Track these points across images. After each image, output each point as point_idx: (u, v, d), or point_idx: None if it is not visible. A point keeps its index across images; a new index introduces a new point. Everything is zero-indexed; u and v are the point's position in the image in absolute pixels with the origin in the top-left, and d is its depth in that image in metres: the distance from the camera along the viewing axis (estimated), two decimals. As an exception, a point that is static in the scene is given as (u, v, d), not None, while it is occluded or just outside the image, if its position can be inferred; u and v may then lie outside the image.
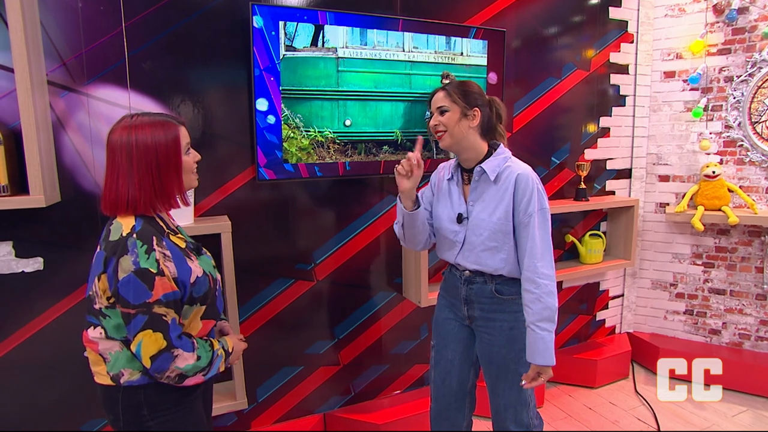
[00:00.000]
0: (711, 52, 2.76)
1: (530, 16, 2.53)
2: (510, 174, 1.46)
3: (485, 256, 1.50)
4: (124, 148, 1.11)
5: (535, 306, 1.41)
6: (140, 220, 1.13)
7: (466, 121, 1.49)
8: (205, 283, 1.20)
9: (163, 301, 1.08)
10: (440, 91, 1.52)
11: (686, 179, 2.89)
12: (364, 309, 2.31)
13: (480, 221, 1.49)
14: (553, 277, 1.44)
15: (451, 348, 1.66)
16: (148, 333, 1.07)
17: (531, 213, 1.43)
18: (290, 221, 2.10)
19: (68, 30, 1.67)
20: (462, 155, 1.54)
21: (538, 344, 1.41)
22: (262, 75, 1.87)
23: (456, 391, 1.66)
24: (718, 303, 2.89)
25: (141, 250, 1.07)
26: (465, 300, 1.59)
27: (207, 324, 1.25)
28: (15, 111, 1.56)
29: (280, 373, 2.17)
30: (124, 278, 1.06)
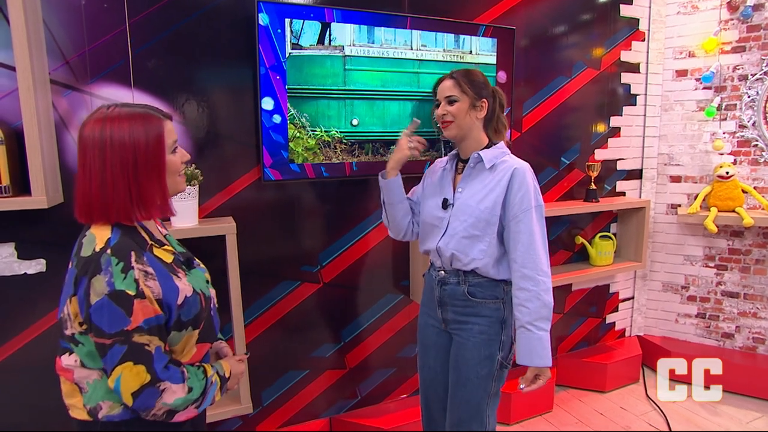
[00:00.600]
0: (725, 50, 2.70)
1: (540, 14, 2.48)
2: (507, 167, 1.43)
3: (465, 244, 1.45)
4: (96, 145, 0.94)
5: (531, 304, 1.36)
6: (117, 232, 0.96)
7: (474, 111, 1.47)
8: (196, 304, 1.03)
9: (144, 328, 0.92)
10: (448, 79, 1.50)
11: (698, 180, 2.84)
12: (371, 312, 2.27)
13: (466, 207, 1.46)
14: (548, 274, 1.40)
15: (432, 355, 1.62)
16: (128, 366, 0.91)
17: (527, 208, 1.39)
18: (296, 222, 2.07)
19: (71, 28, 1.64)
20: (463, 145, 1.53)
21: (535, 345, 1.35)
22: (267, 74, 1.84)
23: (443, 398, 1.61)
24: (731, 306, 2.84)
25: (116, 269, 0.91)
26: (439, 301, 1.55)
27: (202, 348, 1.09)
28: (17, 110, 1.53)
29: (286, 377, 2.13)
30: (97, 302, 0.90)
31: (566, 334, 2.87)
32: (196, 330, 1.04)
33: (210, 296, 1.12)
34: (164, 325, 0.97)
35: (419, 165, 2.15)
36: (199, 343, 1.07)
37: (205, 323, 1.07)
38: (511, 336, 1.51)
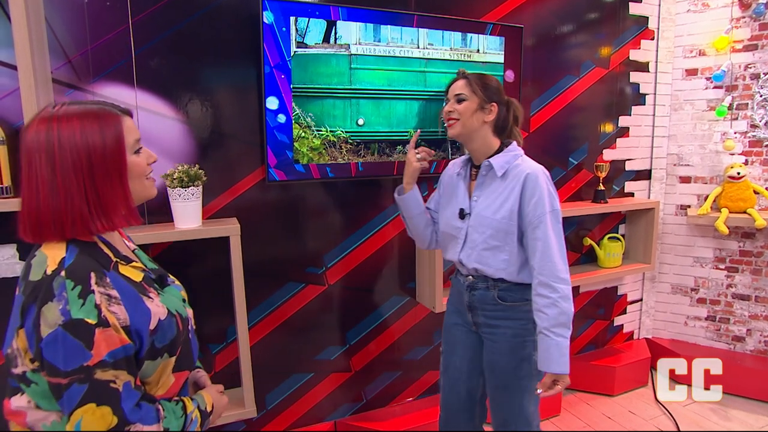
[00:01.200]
0: (736, 49, 2.65)
1: (548, 12, 2.45)
2: (519, 172, 1.41)
3: (487, 255, 1.44)
4: (42, 149, 0.81)
5: (550, 311, 1.34)
6: (74, 250, 0.83)
7: (481, 113, 1.45)
8: (172, 327, 0.91)
9: (109, 362, 0.78)
10: (461, 79, 1.49)
11: (709, 180, 2.79)
12: (377, 314, 2.24)
13: (483, 218, 1.44)
14: (569, 281, 1.37)
15: (459, 354, 1.61)
16: (90, 408, 0.77)
17: (542, 214, 1.36)
18: (301, 223, 2.04)
19: (74, 27, 1.62)
20: (469, 146, 1.51)
21: (553, 351, 1.34)
22: (272, 72, 1.81)
23: (464, 400, 1.60)
24: (742, 309, 2.79)
25: (72, 294, 0.77)
26: (469, 306, 1.54)
27: (179, 377, 0.96)
28: (19, 110, 1.50)
29: (290, 380, 2.11)
30: (50, 335, 0.76)
31: (574, 336, 2.83)
32: (172, 357, 0.91)
33: (187, 317, 1.00)
34: (134, 355, 0.84)
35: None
36: (176, 371, 0.94)
37: (182, 349, 0.94)
38: None
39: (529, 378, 1.46)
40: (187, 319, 0.99)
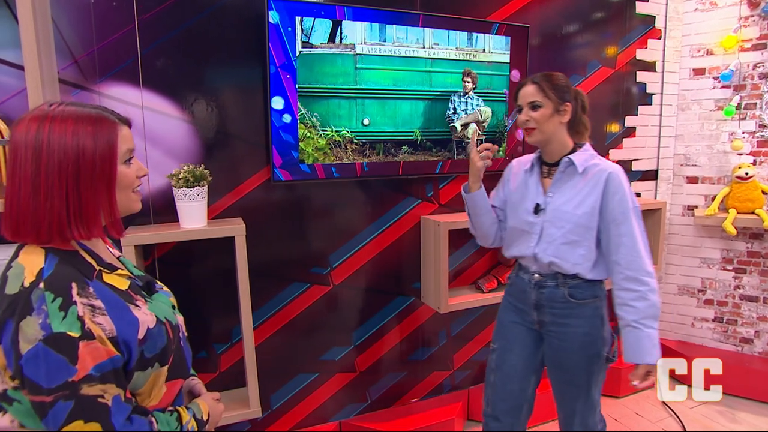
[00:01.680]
0: (745, 48, 2.63)
1: (554, 12, 2.43)
2: (600, 171, 1.43)
3: (565, 250, 1.45)
4: (30, 146, 0.77)
5: (639, 304, 1.37)
6: (53, 259, 0.79)
7: (557, 116, 1.45)
8: (162, 336, 0.87)
9: (95, 376, 0.74)
10: (531, 84, 1.47)
11: (716, 181, 2.77)
12: (382, 314, 2.24)
13: (562, 213, 1.45)
14: (653, 275, 1.40)
15: (516, 353, 1.61)
16: (78, 425, 0.73)
17: (626, 211, 1.39)
18: (306, 224, 2.04)
19: (80, 27, 1.63)
20: (546, 148, 1.52)
21: (645, 342, 1.36)
22: (277, 72, 1.81)
23: (516, 396, 1.62)
24: (750, 310, 2.77)
25: (53, 307, 0.73)
26: (535, 305, 1.54)
27: (172, 386, 0.92)
28: (24, 109, 1.52)
29: (295, 380, 2.11)
30: (30, 351, 0.72)
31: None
32: (164, 366, 0.88)
33: (177, 324, 0.96)
34: (123, 367, 0.80)
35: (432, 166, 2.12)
36: (169, 380, 0.90)
37: (174, 357, 0.91)
38: (611, 331, 1.52)
39: (598, 372, 1.51)
40: (178, 326, 0.96)
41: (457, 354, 2.46)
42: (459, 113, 2.15)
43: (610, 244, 1.42)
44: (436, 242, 2.10)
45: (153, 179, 1.76)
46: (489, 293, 2.26)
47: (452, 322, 2.41)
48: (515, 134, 2.32)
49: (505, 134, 2.29)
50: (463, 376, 2.49)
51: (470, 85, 2.15)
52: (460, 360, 2.47)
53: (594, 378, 1.51)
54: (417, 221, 2.23)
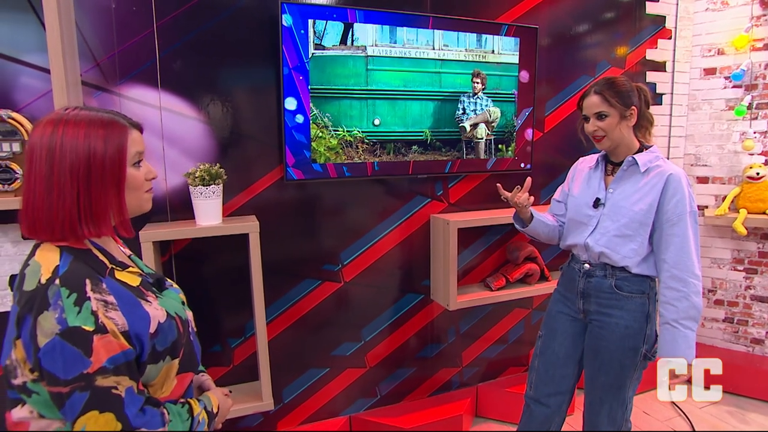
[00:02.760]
0: (756, 47, 2.63)
1: (563, 13, 2.45)
2: (662, 171, 1.46)
3: (617, 242, 1.50)
4: (44, 148, 0.82)
5: (681, 304, 1.40)
6: (67, 257, 0.83)
7: (624, 122, 1.50)
8: (172, 330, 0.91)
9: (109, 368, 0.78)
10: (594, 95, 1.51)
11: (727, 181, 2.77)
12: (392, 311, 2.28)
13: (620, 208, 1.50)
14: (700, 278, 1.42)
15: (558, 341, 1.67)
16: (93, 416, 0.77)
17: (682, 213, 1.42)
18: (318, 222, 2.08)
19: (102, 31, 1.69)
20: (616, 152, 1.56)
21: (680, 342, 1.39)
22: (290, 74, 1.86)
23: (558, 382, 1.67)
24: (761, 311, 2.76)
25: (68, 302, 0.77)
26: (582, 293, 1.59)
27: (183, 379, 0.96)
28: (49, 110, 1.58)
29: (307, 375, 2.15)
30: (47, 344, 0.75)
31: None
32: (175, 359, 0.91)
33: (187, 319, 0.99)
34: (136, 360, 0.84)
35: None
36: (179, 373, 0.94)
37: (184, 350, 0.95)
38: (655, 330, 1.54)
39: (633, 367, 1.52)
40: (187, 322, 0.99)
41: (465, 351, 2.49)
42: (468, 113, 2.19)
43: (661, 242, 1.45)
44: (446, 240, 2.13)
45: (170, 178, 1.82)
46: (497, 291, 2.29)
47: (461, 319, 2.44)
48: (524, 134, 2.34)
49: (514, 134, 2.31)
50: (471, 373, 2.52)
51: (479, 85, 2.18)
52: (469, 357, 2.50)
53: (628, 373, 1.52)
54: (426, 220, 2.27)
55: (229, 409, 1.09)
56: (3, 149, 1.49)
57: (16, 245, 1.67)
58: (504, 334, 2.57)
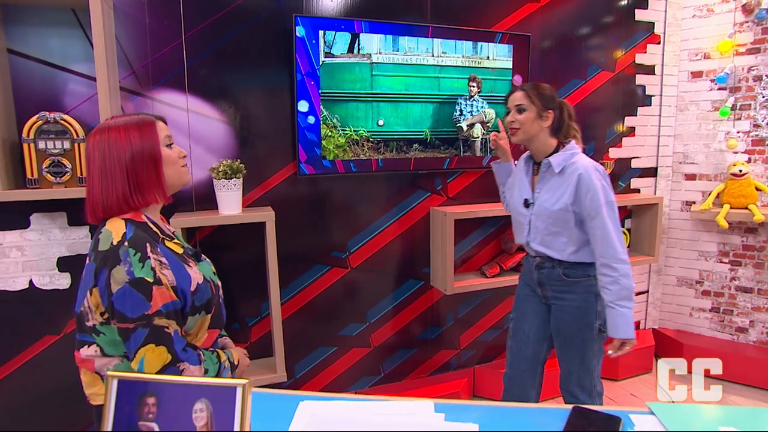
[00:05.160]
0: (740, 52, 2.79)
1: (556, 20, 2.63)
2: (574, 170, 1.60)
3: (549, 239, 1.68)
4: (97, 149, 1.06)
5: (613, 287, 1.55)
6: (131, 227, 1.04)
7: (539, 121, 1.65)
8: (207, 290, 1.13)
9: (163, 312, 0.99)
10: (519, 90, 1.68)
11: (713, 178, 2.93)
12: (395, 295, 2.48)
13: (543, 209, 1.66)
14: (627, 261, 1.57)
15: (528, 321, 1.84)
16: (151, 347, 0.98)
17: (598, 206, 1.56)
18: (327, 213, 2.29)
19: (137, 42, 1.91)
20: (530, 147, 1.72)
21: (618, 320, 1.55)
22: (303, 79, 2.07)
23: (530, 360, 1.84)
24: (745, 301, 2.91)
25: (134, 259, 0.98)
26: (538, 282, 1.77)
27: (212, 333, 1.18)
28: (94, 113, 1.82)
29: (316, 352, 2.37)
30: (119, 290, 0.97)
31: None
32: (208, 315, 1.13)
33: (218, 285, 1.21)
34: (180, 310, 1.05)
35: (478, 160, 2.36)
36: (210, 328, 1.16)
37: (215, 309, 1.16)
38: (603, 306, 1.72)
39: (591, 340, 1.69)
40: (218, 286, 1.21)
41: (463, 335, 2.68)
42: (465, 114, 2.38)
43: (588, 234, 1.62)
44: (444, 231, 2.33)
45: (195, 173, 2.04)
46: (492, 278, 2.48)
47: (459, 304, 2.63)
48: (518, 133, 2.53)
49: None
50: (468, 355, 2.72)
51: (475, 89, 2.38)
52: (466, 340, 2.69)
53: (588, 345, 1.69)
54: (427, 212, 2.47)
55: (246, 366, 1.29)
56: (56, 147, 1.72)
57: (63, 231, 1.90)
58: (499, 319, 2.76)
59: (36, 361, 1.92)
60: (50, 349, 1.94)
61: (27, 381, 1.92)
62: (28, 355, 1.92)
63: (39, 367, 1.93)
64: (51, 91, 1.81)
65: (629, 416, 0.84)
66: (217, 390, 0.60)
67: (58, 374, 1.94)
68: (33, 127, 1.69)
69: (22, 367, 1.91)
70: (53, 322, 1.94)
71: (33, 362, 1.92)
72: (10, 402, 1.91)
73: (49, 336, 1.93)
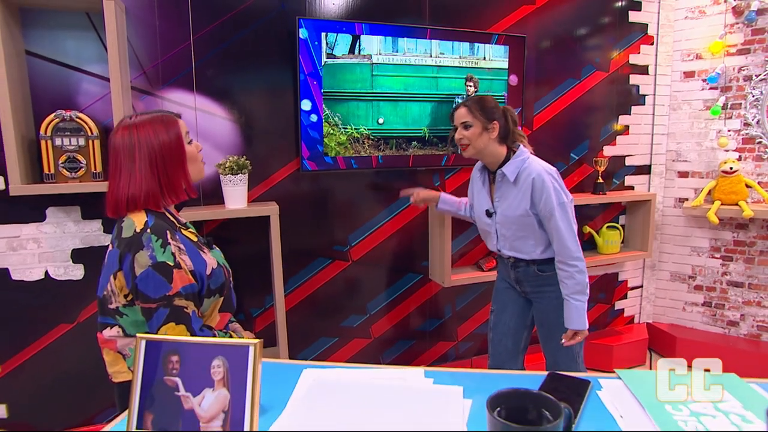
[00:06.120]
0: (730, 52, 2.86)
1: (551, 22, 2.71)
2: (527, 176, 1.65)
3: (517, 244, 1.75)
4: (126, 148, 1.11)
5: (568, 281, 1.66)
6: (152, 216, 1.11)
7: (486, 133, 1.69)
8: (221, 275, 1.20)
9: (182, 294, 1.07)
10: (461, 107, 1.72)
11: (705, 175, 3.00)
12: (394, 288, 2.57)
13: (506, 217, 1.73)
14: (581, 258, 1.65)
15: (509, 312, 1.91)
16: (171, 326, 1.05)
17: (551, 209, 1.63)
18: (329, 208, 2.38)
19: (148, 44, 2.00)
20: (484, 160, 1.77)
21: (572, 313, 1.66)
22: (306, 79, 2.16)
23: (510, 350, 1.92)
24: (736, 295, 2.99)
25: (156, 245, 1.06)
26: (516, 280, 1.84)
27: (224, 317, 1.26)
28: (107, 111, 1.91)
29: (318, 342, 2.45)
30: (143, 273, 1.04)
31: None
32: (221, 297, 1.21)
33: (230, 270, 1.29)
34: (198, 293, 1.12)
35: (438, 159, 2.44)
36: (222, 311, 1.24)
37: (227, 292, 1.24)
38: None
39: None
40: (229, 272, 1.28)
41: (460, 327, 2.77)
42: (462, 113, 2.46)
43: (548, 234, 1.69)
44: (441, 226, 2.42)
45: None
46: (488, 271, 2.56)
47: (457, 297, 2.72)
48: (513, 132, 2.61)
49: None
50: (466, 347, 2.80)
51: (472, 88, 2.46)
52: (464, 332, 2.78)
53: None
54: (425, 207, 2.55)
55: None
56: (71, 143, 1.81)
57: (77, 224, 2.00)
58: (496, 312, 2.84)
59: (51, 348, 2.02)
60: (64, 337, 2.03)
61: (42, 367, 2.01)
62: (44, 342, 2.01)
63: (54, 354, 2.02)
64: (66, 91, 1.90)
65: (599, 380, 0.93)
66: (232, 348, 0.68)
67: (72, 361, 2.03)
68: (50, 124, 1.78)
69: (38, 353, 2.01)
70: (67, 311, 2.03)
71: (48, 349, 2.01)
72: (26, 386, 2.01)
73: (63, 324, 2.03)
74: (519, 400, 0.62)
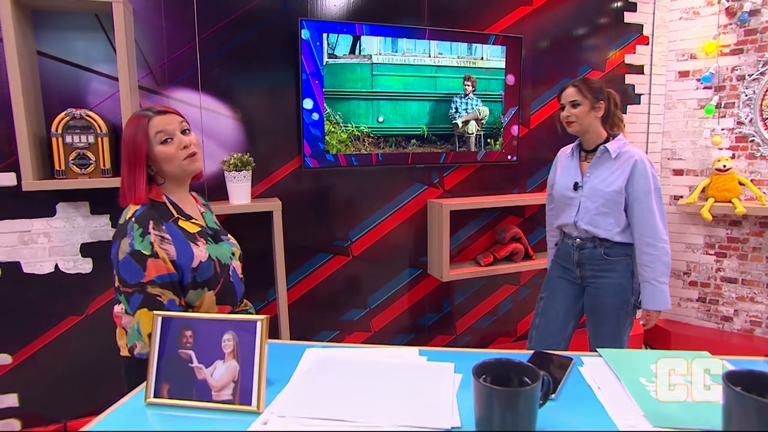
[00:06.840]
0: (724, 53, 2.92)
1: (548, 22, 2.77)
2: (629, 157, 1.75)
3: (597, 219, 1.80)
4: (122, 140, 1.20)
5: (654, 264, 1.71)
6: (145, 206, 1.15)
7: (593, 112, 1.78)
8: (210, 269, 1.19)
9: (157, 282, 1.09)
10: (570, 87, 1.82)
11: (699, 173, 3.06)
12: (393, 283, 2.63)
13: (596, 190, 1.79)
14: (668, 241, 1.73)
15: (560, 299, 1.96)
16: (144, 311, 1.09)
17: (648, 191, 1.71)
18: (330, 204, 2.44)
19: (154, 44, 2.06)
20: (584, 137, 1.85)
21: (658, 295, 1.72)
22: (308, 79, 2.22)
23: (555, 336, 1.97)
24: (730, 291, 3.04)
25: (136, 233, 1.09)
26: (578, 263, 1.89)
27: (222, 309, 1.26)
28: (115, 110, 1.97)
29: (320, 336, 2.51)
30: (123, 259, 1.09)
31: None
32: (211, 291, 1.20)
33: (228, 264, 1.28)
34: (178, 282, 1.14)
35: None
36: (219, 305, 1.24)
37: (222, 287, 1.23)
38: (638, 284, 1.83)
39: (626, 316, 1.83)
40: (227, 266, 1.27)
41: (459, 321, 2.82)
42: (460, 112, 2.53)
43: (633, 216, 1.75)
44: (440, 222, 2.48)
45: (208, 165, 2.19)
46: (486, 267, 2.62)
47: (455, 292, 2.78)
48: (510, 130, 2.67)
49: (501, 130, 2.64)
50: (464, 341, 2.86)
51: (470, 88, 2.52)
52: (462, 326, 2.84)
53: (623, 321, 1.82)
54: (424, 204, 2.61)
55: None
56: (81, 141, 1.87)
57: (86, 219, 2.06)
58: (494, 307, 2.90)
59: (61, 339, 2.08)
60: (73, 329, 2.09)
61: (53, 357, 2.08)
62: (54, 334, 2.08)
63: (63, 345, 2.08)
64: (76, 90, 1.97)
65: (581, 357, 0.99)
66: (241, 324, 0.74)
67: (81, 351, 2.09)
68: (61, 122, 1.85)
69: (48, 344, 2.07)
70: (76, 304, 2.09)
71: (58, 340, 2.08)
72: (37, 377, 2.07)
73: (72, 316, 2.09)
74: (502, 369, 0.68)
